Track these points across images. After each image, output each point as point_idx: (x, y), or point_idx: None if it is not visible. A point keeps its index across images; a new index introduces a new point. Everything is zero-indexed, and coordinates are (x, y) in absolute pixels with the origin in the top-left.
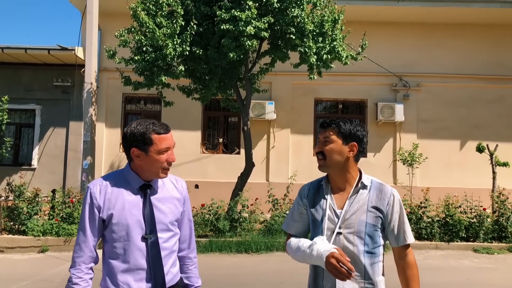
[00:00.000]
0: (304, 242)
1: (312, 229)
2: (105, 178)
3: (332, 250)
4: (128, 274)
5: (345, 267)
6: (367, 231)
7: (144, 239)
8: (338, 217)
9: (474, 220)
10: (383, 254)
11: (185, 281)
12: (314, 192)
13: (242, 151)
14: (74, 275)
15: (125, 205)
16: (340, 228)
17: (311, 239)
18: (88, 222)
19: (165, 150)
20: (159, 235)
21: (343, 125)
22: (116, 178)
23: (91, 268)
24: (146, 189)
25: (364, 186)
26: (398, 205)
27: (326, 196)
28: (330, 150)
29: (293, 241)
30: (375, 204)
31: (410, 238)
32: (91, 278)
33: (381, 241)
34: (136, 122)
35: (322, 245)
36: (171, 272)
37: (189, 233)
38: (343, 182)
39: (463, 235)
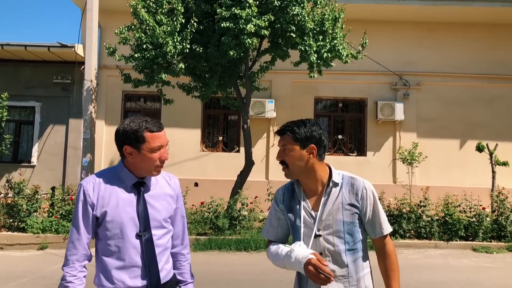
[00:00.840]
0: (283, 249)
1: (292, 234)
2: (98, 175)
3: (309, 256)
4: (123, 272)
5: (324, 272)
6: (345, 229)
7: (138, 236)
8: (314, 219)
9: (473, 219)
10: (367, 249)
11: (178, 277)
12: (289, 196)
13: (242, 149)
14: (68, 273)
15: (119, 202)
16: (318, 230)
17: (292, 244)
18: (82, 219)
19: (158, 148)
20: (153, 232)
21: (297, 130)
22: (109, 175)
23: (84, 266)
24: (139, 187)
25: (335, 185)
26: (371, 197)
27: (300, 200)
28: (290, 159)
29: (273, 248)
30: (349, 201)
31: (387, 228)
32: (84, 276)
33: (361, 236)
34: (129, 119)
35: (300, 252)
36: (165, 269)
37: (182, 229)
38: (313, 183)
39: (462, 234)
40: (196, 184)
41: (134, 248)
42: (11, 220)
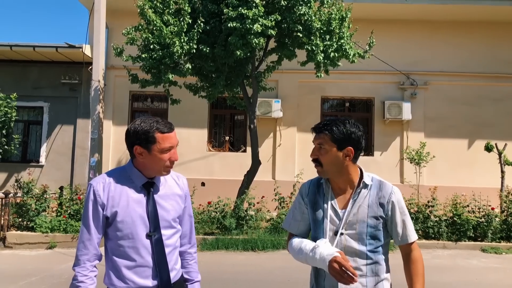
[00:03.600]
0: (307, 244)
1: (313, 229)
2: (107, 175)
3: (335, 254)
4: (134, 271)
5: (348, 271)
6: (368, 231)
7: (148, 236)
8: (340, 218)
9: (482, 219)
10: (388, 252)
11: (185, 276)
12: (314, 191)
13: (248, 149)
14: (80, 273)
15: (129, 202)
16: (342, 228)
17: (312, 239)
18: (92, 219)
19: (168, 149)
20: (162, 232)
21: (336, 130)
22: (118, 175)
23: (95, 266)
24: (149, 187)
25: (365, 186)
26: (399, 203)
27: (327, 196)
28: (325, 159)
29: (295, 242)
30: (376, 203)
31: (413, 236)
32: (95, 276)
33: (384, 240)
34: (140, 119)
35: (325, 249)
36: (175, 269)
37: (190, 228)
38: (343, 183)
39: (471, 235)
40: (203, 184)
41: (144, 248)
42: (20, 220)
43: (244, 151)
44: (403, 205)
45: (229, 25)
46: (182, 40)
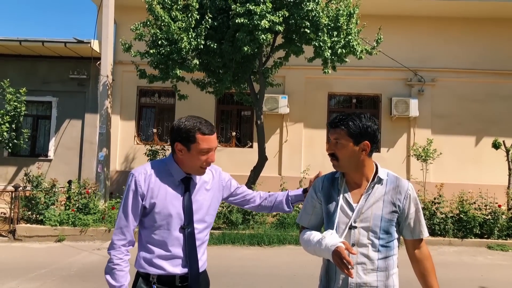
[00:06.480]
0: (315, 236)
1: (326, 222)
2: (148, 167)
3: (338, 244)
4: (166, 260)
5: (345, 261)
6: (382, 225)
7: (182, 229)
8: (353, 210)
9: (489, 216)
10: (398, 247)
11: (280, 198)
12: (328, 186)
13: (255, 144)
14: (115, 256)
15: (167, 195)
16: (355, 222)
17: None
18: (131, 208)
19: (206, 151)
20: (195, 226)
21: (352, 125)
22: (159, 168)
23: (128, 251)
24: (186, 181)
25: (380, 180)
26: (415, 200)
27: (341, 190)
28: (341, 154)
29: (305, 234)
30: (392, 199)
31: (426, 232)
32: (128, 259)
33: (396, 235)
34: (186, 117)
35: (330, 239)
36: (202, 260)
37: (245, 189)
38: (358, 177)
39: (477, 232)
40: None
41: (177, 240)
42: (29, 213)
43: (251, 146)
44: (418, 202)
45: (236, 21)
46: (190, 36)
